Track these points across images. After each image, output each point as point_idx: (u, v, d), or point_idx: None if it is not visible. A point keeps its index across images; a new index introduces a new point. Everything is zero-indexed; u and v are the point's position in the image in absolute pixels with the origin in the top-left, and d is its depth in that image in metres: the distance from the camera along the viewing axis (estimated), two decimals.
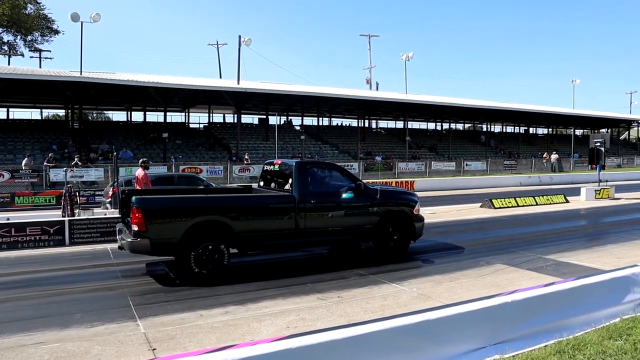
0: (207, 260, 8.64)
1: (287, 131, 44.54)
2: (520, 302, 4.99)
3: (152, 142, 36.18)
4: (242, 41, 35.64)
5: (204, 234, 8.68)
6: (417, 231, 10.70)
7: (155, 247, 8.46)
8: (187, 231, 8.51)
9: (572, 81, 63.89)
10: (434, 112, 51.49)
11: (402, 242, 10.50)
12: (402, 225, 10.48)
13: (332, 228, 9.87)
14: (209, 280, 8.52)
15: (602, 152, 22.50)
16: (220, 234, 8.82)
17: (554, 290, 5.33)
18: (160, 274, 9.45)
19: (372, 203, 10.15)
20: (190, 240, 8.54)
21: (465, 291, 7.92)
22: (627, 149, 65.20)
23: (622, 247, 11.63)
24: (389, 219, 10.33)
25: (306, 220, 9.47)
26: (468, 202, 21.15)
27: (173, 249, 8.65)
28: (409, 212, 10.62)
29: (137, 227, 8.36)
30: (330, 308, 7.20)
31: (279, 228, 9.37)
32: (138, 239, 8.39)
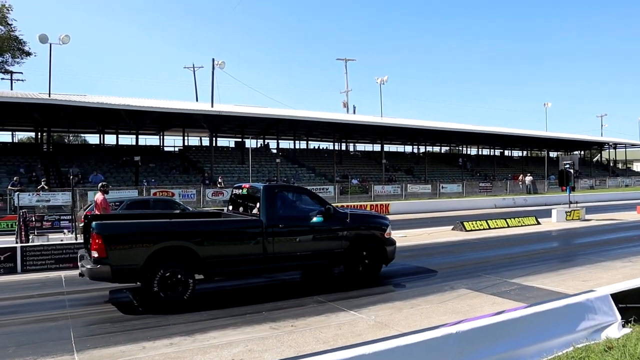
0: (172, 286, 8.33)
1: (263, 154, 44.30)
2: (466, 333, 4.72)
3: (125, 165, 35.61)
4: (216, 64, 35.55)
5: (168, 260, 8.39)
6: (389, 255, 10.53)
7: (117, 273, 8.14)
8: (150, 257, 8.22)
9: (544, 105, 64.90)
10: (410, 135, 51.77)
11: (373, 266, 10.31)
12: (373, 249, 10.31)
13: (302, 253, 9.65)
14: (174, 307, 8.22)
15: (571, 173, 22.63)
16: (185, 259, 8.54)
17: (503, 320, 5.07)
18: (123, 301, 9.08)
19: (342, 227, 9.98)
20: (153, 267, 8.24)
21: (424, 318, 7.65)
22: (599, 171, 66.13)
23: (588, 269, 11.51)
24: (360, 243, 10.17)
25: (274, 245, 9.25)
26: (442, 225, 21.02)
27: (135, 276, 8.33)
28: (380, 236, 10.45)
29: (97, 253, 8.06)
30: (282, 338, 6.86)
31: (246, 253, 9.13)
32: (98, 266, 8.05)
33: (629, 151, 73.10)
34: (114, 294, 9.56)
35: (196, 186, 30.99)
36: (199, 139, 49.81)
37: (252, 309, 8.34)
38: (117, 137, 42.18)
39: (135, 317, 8.02)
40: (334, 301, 8.74)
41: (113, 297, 9.42)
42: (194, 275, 8.60)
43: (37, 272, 11.72)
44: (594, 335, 5.82)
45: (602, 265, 11.94)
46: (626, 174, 67.99)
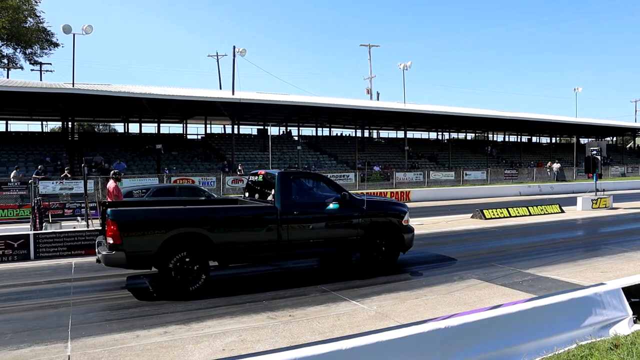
0: (186, 273, 8.34)
1: (285, 142, 44.15)
2: (456, 328, 4.43)
3: (148, 153, 35.86)
4: (237, 52, 35.40)
5: (182, 247, 8.37)
6: (407, 242, 10.37)
7: (131, 260, 8.18)
8: (164, 244, 8.23)
9: (575, 89, 63.00)
10: (435, 122, 50.97)
11: (390, 253, 10.17)
12: (390, 237, 10.16)
13: (317, 240, 9.52)
14: (188, 293, 8.25)
15: (598, 160, 21.84)
16: (200, 246, 8.53)
17: (499, 314, 4.76)
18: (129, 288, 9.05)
19: (358, 214, 9.81)
20: (168, 253, 8.26)
21: (428, 310, 7.38)
22: (632, 158, 64.24)
23: (609, 260, 11.04)
24: (376, 230, 10.02)
25: (289, 232, 9.15)
26: (463, 212, 20.58)
27: (150, 262, 8.36)
28: (398, 223, 10.27)
29: (112, 239, 8.09)
30: (277, 328, 6.69)
31: (260, 240, 9.04)
32: (113, 252, 8.10)
33: None
34: (118, 282, 9.52)
35: (216, 173, 31.02)
36: (222, 127, 49.99)
37: (252, 297, 8.19)
38: (141, 125, 42.50)
39: (135, 304, 7.97)
40: (337, 290, 8.53)
41: (116, 284, 9.38)
42: (208, 261, 8.59)
43: (49, 259, 11.79)
44: (601, 332, 5.47)
45: (625, 256, 11.45)
46: None
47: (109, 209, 8.36)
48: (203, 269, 8.48)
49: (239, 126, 46.23)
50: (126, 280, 9.59)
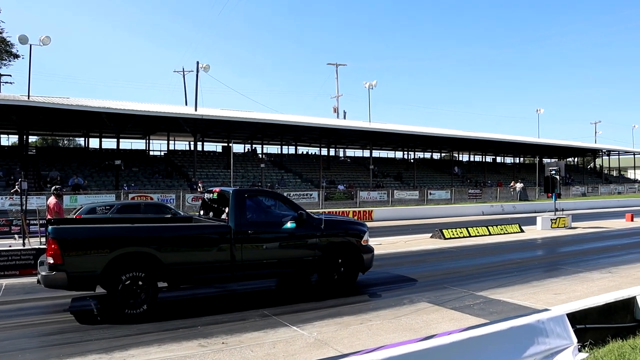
0: (133, 295, 7.87)
1: (250, 159, 43.67)
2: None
3: (107, 169, 34.91)
4: (201, 67, 34.90)
5: (129, 267, 7.90)
6: (366, 263, 10.10)
7: (73, 281, 7.66)
8: (110, 263, 7.75)
9: (537, 111, 64.32)
10: (400, 141, 51.17)
11: (349, 274, 9.88)
12: (349, 257, 9.88)
13: (272, 260, 9.16)
14: (135, 317, 7.76)
15: (557, 180, 21.99)
16: (148, 266, 8.05)
17: (431, 346, 4.38)
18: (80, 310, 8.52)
19: (315, 234, 9.53)
20: (114, 274, 7.78)
21: (371, 336, 6.97)
22: (592, 178, 65.64)
23: (563, 281, 10.85)
24: (335, 250, 9.74)
25: (243, 252, 8.77)
26: (424, 232, 20.35)
27: (94, 283, 7.86)
28: (357, 243, 10.00)
29: (52, 259, 7.58)
30: (206, 357, 6.18)
31: (213, 260, 8.62)
32: (54, 272, 7.56)
33: (623, 158, 72.76)
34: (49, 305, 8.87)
35: (177, 191, 30.29)
36: (186, 144, 49.18)
37: (188, 322, 7.67)
38: (101, 140, 41.48)
39: (58, 331, 7.36)
40: (279, 315, 8.06)
41: (47, 307, 8.76)
42: (157, 282, 8.12)
43: None
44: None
45: (580, 277, 11.29)
46: (619, 181, 67.51)
47: (49, 227, 7.82)
48: (151, 290, 8.02)
49: (203, 143, 45.58)
50: (71, 302, 9.04)
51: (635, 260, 13.62)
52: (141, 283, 7.94)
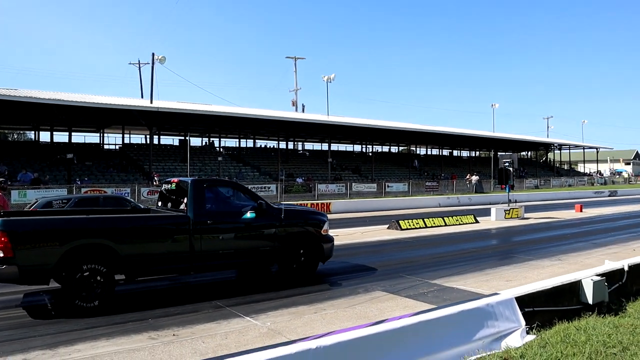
0: (89, 288, 7.63)
1: (207, 153, 43.11)
2: (330, 348, 3.98)
3: (59, 163, 33.84)
4: (156, 59, 34.16)
5: (84, 259, 7.66)
6: (326, 252, 10.15)
7: (25, 274, 7.38)
8: (64, 256, 7.50)
9: (492, 105, 65.71)
10: (358, 134, 51.41)
11: (309, 264, 9.89)
12: (309, 247, 9.90)
13: (232, 251, 9.06)
14: (91, 311, 7.52)
15: (510, 171, 22.48)
16: (104, 259, 7.82)
17: (381, 331, 4.36)
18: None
19: (275, 224, 9.47)
20: (68, 267, 7.54)
21: (325, 325, 6.93)
22: (545, 171, 67.58)
23: (515, 268, 11.10)
24: (295, 240, 9.73)
25: (202, 243, 8.65)
26: (382, 223, 20.45)
27: (47, 277, 7.57)
28: (316, 233, 10.02)
29: (2, 252, 7.24)
30: (155, 350, 6.01)
31: (171, 251, 8.48)
32: (4, 267, 7.26)
33: (573, 152, 75.14)
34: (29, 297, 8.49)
35: (132, 184, 29.60)
36: (142, 137, 48.12)
37: (138, 315, 7.46)
38: (52, 134, 40.15)
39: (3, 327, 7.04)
40: (233, 306, 7.94)
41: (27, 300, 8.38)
42: (113, 275, 7.91)
43: None
44: (492, 345, 5.19)
45: (531, 264, 11.57)
46: (570, 175, 69.72)
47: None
48: (108, 283, 7.80)
49: (160, 136, 44.68)
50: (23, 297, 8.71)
51: (584, 248, 14.06)
52: (97, 276, 7.71)
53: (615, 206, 32.53)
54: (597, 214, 26.34)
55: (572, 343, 5.37)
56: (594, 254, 12.91)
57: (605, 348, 5.30)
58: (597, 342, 5.45)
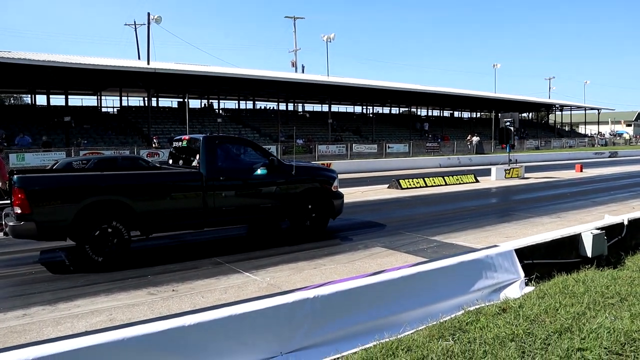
0: (106, 244, 7.76)
1: (207, 114, 42.82)
2: (328, 297, 3.96)
3: (57, 127, 33.61)
4: (152, 19, 33.55)
5: (100, 216, 7.77)
6: (336, 208, 10.21)
7: (43, 230, 7.48)
8: (81, 212, 7.59)
9: (494, 66, 64.92)
10: (359, 95, 50.97)
11: (320, 220, 9.98)
12: (320, 203, 9.96)
13: (244, 207, 9.16)
14: (107, 267, 7.65)
15: (511, 131, 22.33)
16: (120, 215, 7.92)
17: (379, 281, 4.34)
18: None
19: (286, 180, 9.53)
20: (85, 223, 7.63)
21: (324, 280, 6.91)
22: (545, 132, 67.27)
23: (515, 225, 11.09)
24: (306, 196, 9.77)
25: (215, 199, 8.74)
26: (382, 183, 20.41)
27: (64, 233, 7.68)
28: (327, 189, 10.08)
29: (20, 209, 7.35)
30: (155, 305, 6.04)
31: (185, 207, 8.60)
32: (22, 223, 7.38)
33: (575, 114, 74.59)
34: None
35: (131, 147, 29.48)
36: (141, 100, 47.71)
37: (138, 272, 7.48)
38: (49, 97, 39.70)
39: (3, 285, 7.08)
40: (233, 262, 7.96)
41: None
42: (129, 231, 8.00)
43: None
44: (491, 296, 5.19)
45: (530, 222, 11.55)
46: (571, 136, 69.40)
47: (15, 176, 7.56)
48: (124, 239, 7.90)
49: (158, 99, 44.36)
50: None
51: (583, 206, 14.04)
52: (113, 232, 7.80)
53: (615, 167, 32.43)
54: (597, 173, 26.26)
55: (571, 294, 5.37)
56: (594, 211, 12.89)
57: (604, 299, 5.31)
58: (596, 293, 5.46)
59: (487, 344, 4.08)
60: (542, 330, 4.40)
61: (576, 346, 4.07)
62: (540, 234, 7.24)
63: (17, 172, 8.39)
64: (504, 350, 4.02)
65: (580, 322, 4.60)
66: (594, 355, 3.94)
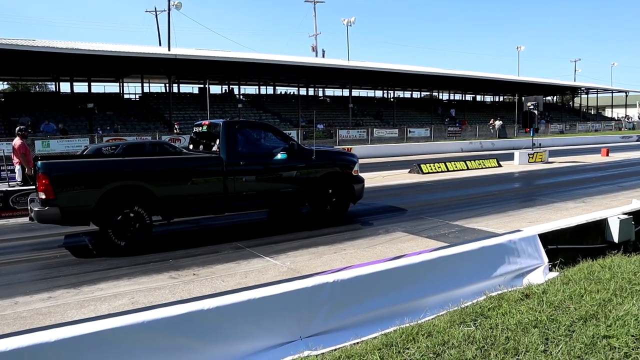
0: (128, 229, 7.88)
1: (227, 100, 42.88)
2: (348, 282, 3.93)
3: (80, 113, 33.99)
4: (172, 5, 33.57)
5: (122, 201, 7.87)
6: (357, 193, 10.21)
7: (67, 215, 7.60)
8: (103, 197, 7.70)
9: (517, 48, 63.74)
10: (380, 80, 50.53)
11: (340, 204, 9.99)
12: (340, 187, 9.96)
13: (265, 191, 9.20)
14: (129, 251, 7.77)
15: (535, 114, 21.93)
16: (141, 200, 8.01)
17: (399, 266, 4.29)
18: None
19: (307, 164, 9.54)
20: (107, 207, 7.74)
21: (344, 264, 6.83)
22: (570, 116, 66.03)
23: (539, 210, 10.89)
24: (326, 181, 9.78)
25: (235, 184, 8.79)
26: (402, 168, 20.28)
27: (88, 218, 7.80)
28: (347, 174, 10.07)
29: (44, 194, 7.47)
30: (176, 288, 6.08)
31: (206, 192, 8.67)
32: (46, 208, 7.49)
33: (601, 97, 72.99)
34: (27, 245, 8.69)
35: (152, 133, 29.71)
36: (162, 86, 47.99)
37: (160, 256, 7.56)
38: (72, 84, 40.10)
39: (24, 269, 7.22)
40: (253, 247, 7.98)
41: (22, 247, 8.59)
42: (151, 216, 8.09)
43: None
44: (514, 281, 5.11)
45: (554, 207, 11.34)
46: (597, 119, 68.01)
47: (39, 162, 7.68)
48: (146, 223, 8.00)
49: (179, 85, 44.53)
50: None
51: (609, 191, 13.74)
52: (135, 217, 7.89)
53: None
54: (624, 157, 25.69)
55: (596, 280, 5.26)
56: (620, 196, 12.60)
57: (631, 285, 5.18)
58: (622, 280, 5.33)
59: (510, 330, 4.02)
60: (567, 316, 4.32)
61: (602, 333, 3.98)
62: (565, 219, 7.10)
63: (40, 157, 8.53)
64: (526, 336, 3.96)
65: (606, 309, 4.50)
66: (621, 342, 3.85)
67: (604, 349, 3.81)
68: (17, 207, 10.96)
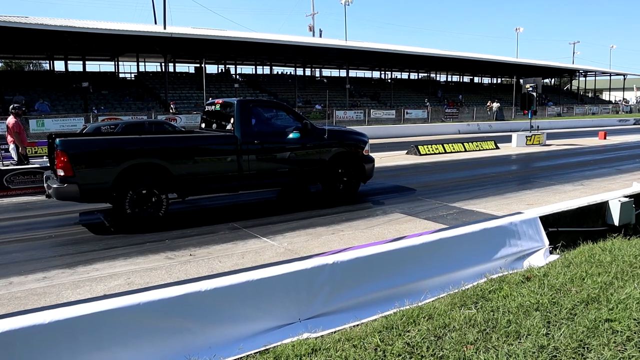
0: (145, 205, 7.95)
1: (224, 80, 42.54)
2: (347, 263, 3.87)
3: (75, 92, 33.68)
4: None
5: (140, 178, 7.93)
6: (367, 172, 10.32)
7: (85, 192, 7.66)
8: (121, 175, 7.74)
9: (516, 30, 63.31)
10: (377, 60, 50.13)
11: (351, 184, 10.09)
12: (352, 167, 10.07)
13: (278, 170, 9.28)
14: (146, 227, 7.86)
15: (533, 97, 21.79)
16: (158, 178, 8.09)
17: (399, 247, 4.23)
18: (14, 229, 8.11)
19: (319, 143, 9.62)
20: (125, 185, 7.79)
21: (342, 245, 6.82)
22: (568, 99, 65.85)
23: (537, 193, 10.84)
24: (338, 160, 9.86)
25: (250, 162, 8.85)
26: (400, 149, 20.19)
27: (105, 195, 7.87)
28: (359, 153, 10.17)
29: (63, 171, 7.50)
30: (172, 269, 6.02)
31: (221, 171, 8.73)
32: (65, 185, 7.53)
33: (599, 80, 72.76)
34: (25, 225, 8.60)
35: (147, 113, 29.47)
36: (157, 65, 47.54)
37: (156, 237, 7.48)
38: (66, 63, 39.74)
39: (18, 249, 7.11)
40: (250, 227, 7.92)
41: (20, 227, 8.48)
42: (167, 194, 8.17)
43: None
44: (515, 264, 5.06)
45: (553, 189, 11.30)
46: (595, 102, 67.89)
47: (57, 139, 7.60)
48: (162, 201, 8.06)
49: (175, 64, 44.13)
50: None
51: (607, 174, 13.70)
52: (152, 194, 7.94)
53: None
54: (621, 141, 25.66)
55: (597, 263, 5.22)
56: (618, 179, 12.57)
57: (632, 268, 5.14)
58: (623, 263, 5.29)
59: (511, 313, 3.98)
60: (568, 299, 4.27)
61: (604, 317, 3.94)
62: (566, 202, 7.05)
63: (56, 135, 8.45)
64: (528, 319, 3.91)
65: (607, 292, 4.46)
66: (623, 326, 3.81)
67: (606, 333, 3.77)
68: (12, 187, 10.85)
